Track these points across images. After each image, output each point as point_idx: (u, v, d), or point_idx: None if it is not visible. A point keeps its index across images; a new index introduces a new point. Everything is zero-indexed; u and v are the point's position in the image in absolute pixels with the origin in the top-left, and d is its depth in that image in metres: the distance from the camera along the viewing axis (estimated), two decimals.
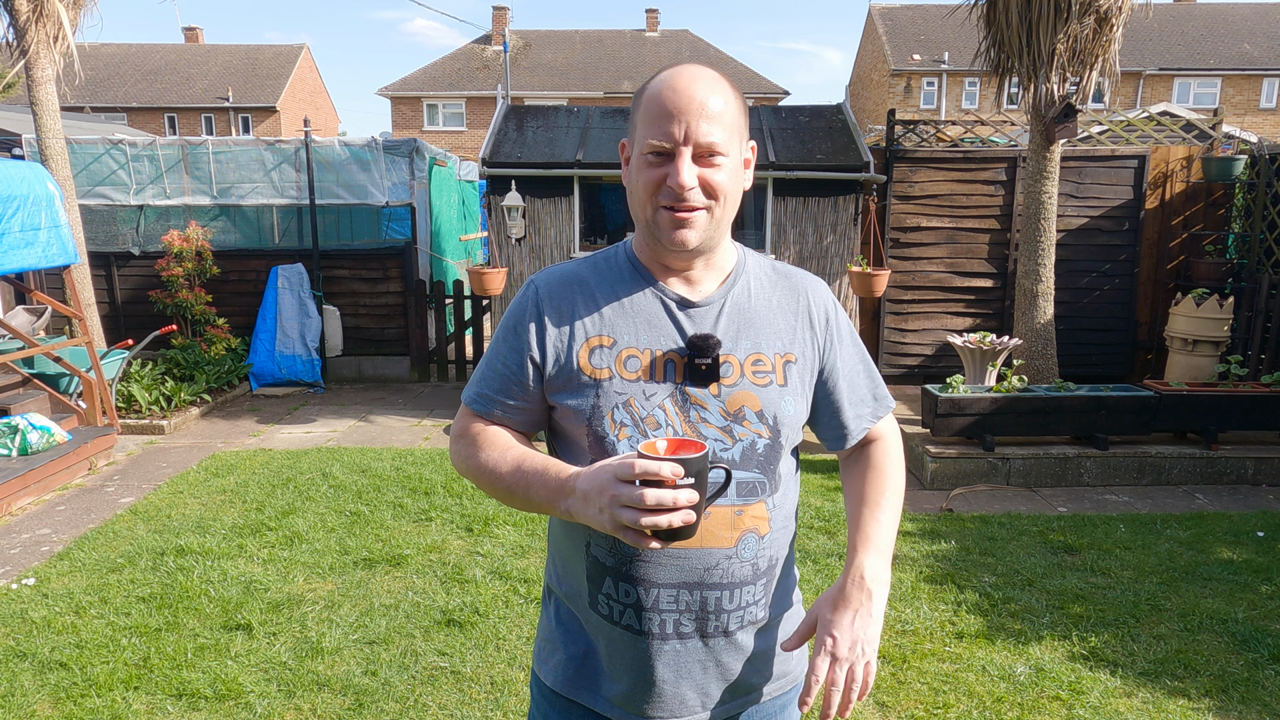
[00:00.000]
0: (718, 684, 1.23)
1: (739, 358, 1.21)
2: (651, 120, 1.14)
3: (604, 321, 1.21)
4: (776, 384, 1.22)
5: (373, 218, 7.89)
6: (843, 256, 6.52)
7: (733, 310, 1.23)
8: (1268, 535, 4.32)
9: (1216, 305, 6.39)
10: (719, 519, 1.17)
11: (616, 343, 1.20)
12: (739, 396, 1.19)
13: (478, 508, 4.64)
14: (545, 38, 32.53)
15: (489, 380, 1.26)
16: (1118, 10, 5.53)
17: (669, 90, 1.13)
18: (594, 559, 1.21)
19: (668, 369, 1.19)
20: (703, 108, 1.12)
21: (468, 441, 1.26)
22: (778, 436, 1.21)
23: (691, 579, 1.17)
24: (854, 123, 6.96)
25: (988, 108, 25.73)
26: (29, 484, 4.87)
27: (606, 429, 1.17)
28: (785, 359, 1.24)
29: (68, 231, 5.60)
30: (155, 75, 31.31)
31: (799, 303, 1.28)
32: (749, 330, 1.23)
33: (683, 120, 1.12)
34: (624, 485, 1.00)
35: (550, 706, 1.31)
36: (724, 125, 1.14)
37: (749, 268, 1.29)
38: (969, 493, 5.08)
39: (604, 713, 1.25)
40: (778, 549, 1.24)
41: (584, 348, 1.20)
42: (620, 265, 1.26)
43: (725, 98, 1.15)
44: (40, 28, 6.31)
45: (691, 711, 1.23)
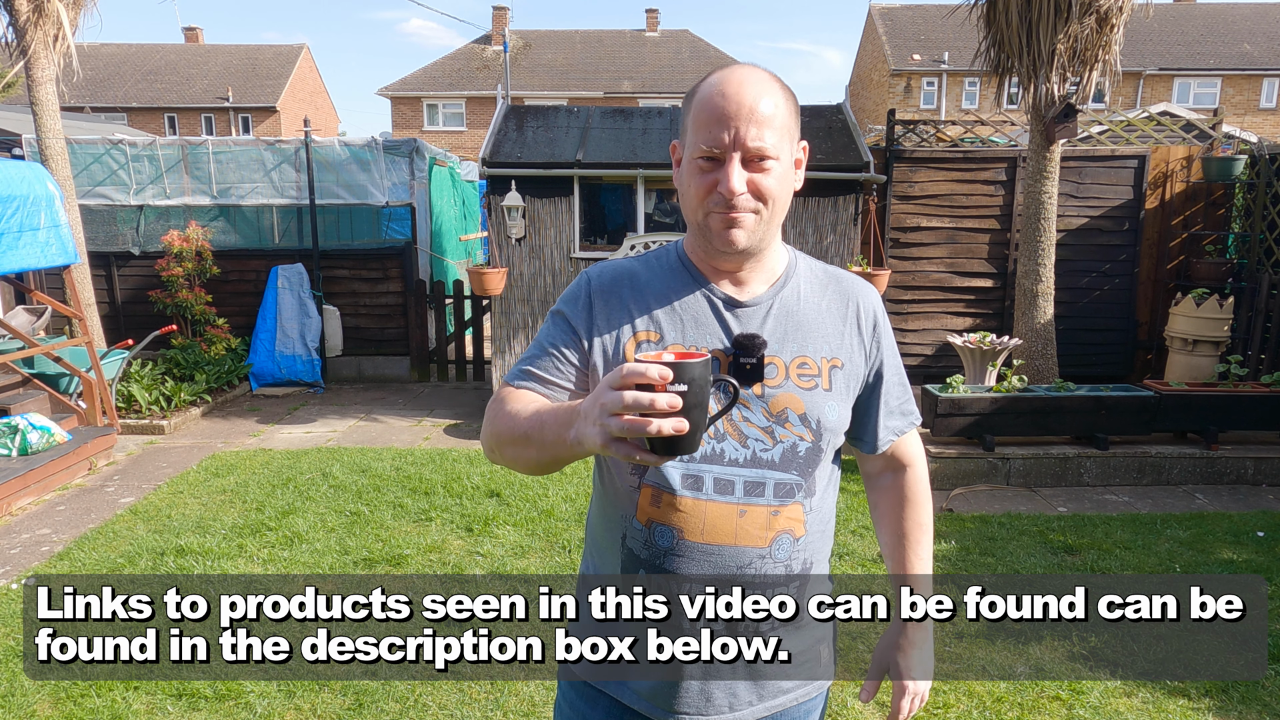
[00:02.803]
0: (746, 685, 1.23)
1: (785, 360, 1.21)
2: (701, 125, 1.14)
3: (651, 317, 1.21)
4: (821, 388, 1.22)
5: (373, 218, 7.89)
6: (843, 257, 6.52)
7: (780, 312, 1.23)
8: (1268, 535, 4.32)
9: (1216, 305, 6.39)
10: (754, 518, 1.17)
11: (663, 338, 1.20)
12: (783, 399, 1.19)
13: (478, 508, 4.64)
14: (545, 38, 32.53)
15: (534, 358, 1.25)
16: (1118, 10, 5.53)
17: (719, 95, 1.13)
18: (629, 551, 1.21)
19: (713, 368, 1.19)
20: (752, 112, 1.11)
21: (497, 402, 1.23)
22: (819, 440, 1.21)
23: (724, 576, 1.17)
24: (854, 123, 6.95)
25: (988, 108, 25.72)
26: (29, 484, 4.86)
27: None
28: (831, 363, 1.24)
29: (68, 231, 5.60)
30: (155, 75, 31.30)
31: (848, 307, 1.28)
32: (796, 333, 1.23)
33: (733, 125, 1.11)
34: (612, 392, 0.94)
35: (578, 696, 1.31)
36: (774, 129, 1.13)
37: (799, 270, 1.28)
38: (969, 493, 5.08)
39: (631, 705, 1.25)
40: (812, 553, 1.24)
41: (631, 341, 1.20)
42: (672, 264, 1.26)
43: (776, 100, 1.14)
44: (40, 28, 6.31)
45: (718, 711, 1.22)
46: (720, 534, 1.17)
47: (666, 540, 1.18)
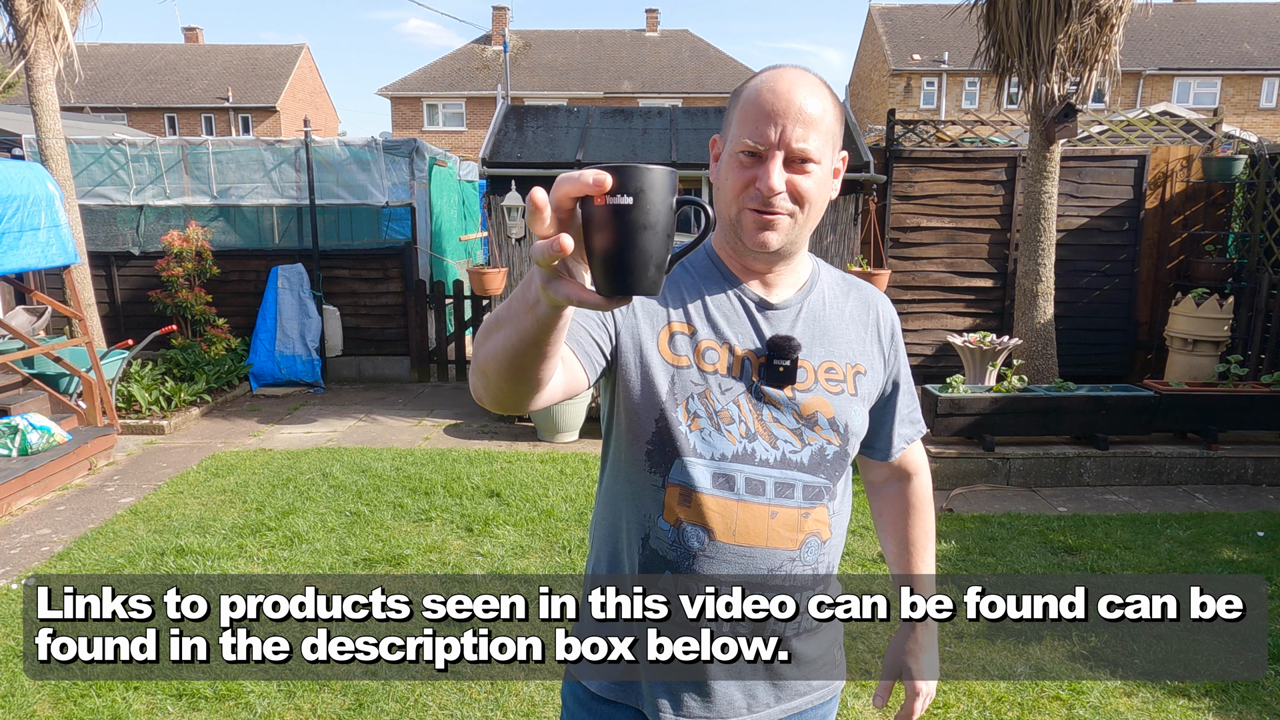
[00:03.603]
0: (765, 687, 1.23)
1: (813, 364, 1.21)
2: (747, 120, 1.12)
3: (685, 311, 1.20)
4: (848, 393, 1.22)
5: (373, 218, 7.89)
6: (842, 257, 6.52)
7: (809, 317, 1.23)
8: (1268, 535, 4.32)
9: (1216, 305, 6.39)
10: (785, 520, 1.17)
11: (696, 332, 1.19)
12: (813, 402, 1.19)
13: (478, 508, 4.64)
14: (545, 38, 32.53)
15: None
16: (1118, 10, 5.52)
17: (769, 92, 1.12)
18: (652, 551, 1.19)
19: (744, 367, 1.18)
20: (800, 112, 1.10)
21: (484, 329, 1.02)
22: (846, 445, 1.22)
23: (754, 579, 1.16)
24: (854, 122, 6.95)
25: (988, 108, 25.72)
26: (29, 484, 4.86)
27: (680, 418, 1.15)
28: (855, 370, 1.24)
29: (68, 231, 5.60)
30: (155, 75, 31.30)
31: (869, 315, 1.29)
32: (823, 338, 1.23)
33: (779, 123, 1.10)
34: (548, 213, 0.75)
35: (592, 700, 1.27)
36: (820, 132, 1.12)
37: (823, 277, 1.29)
38: (969, 492, 5.08)
39: (643, 708, 1.24)
40: (834, 555, 1.25)
41: (665, 331, 1.19)
42: (702, 262, 1.25)
43: (824, 104, 1.13)
44: (40, 28, 6.30)
45: (737, 713, 1.22)
46: (752, 535, 1.16)
47: (698, 541, 1.16)
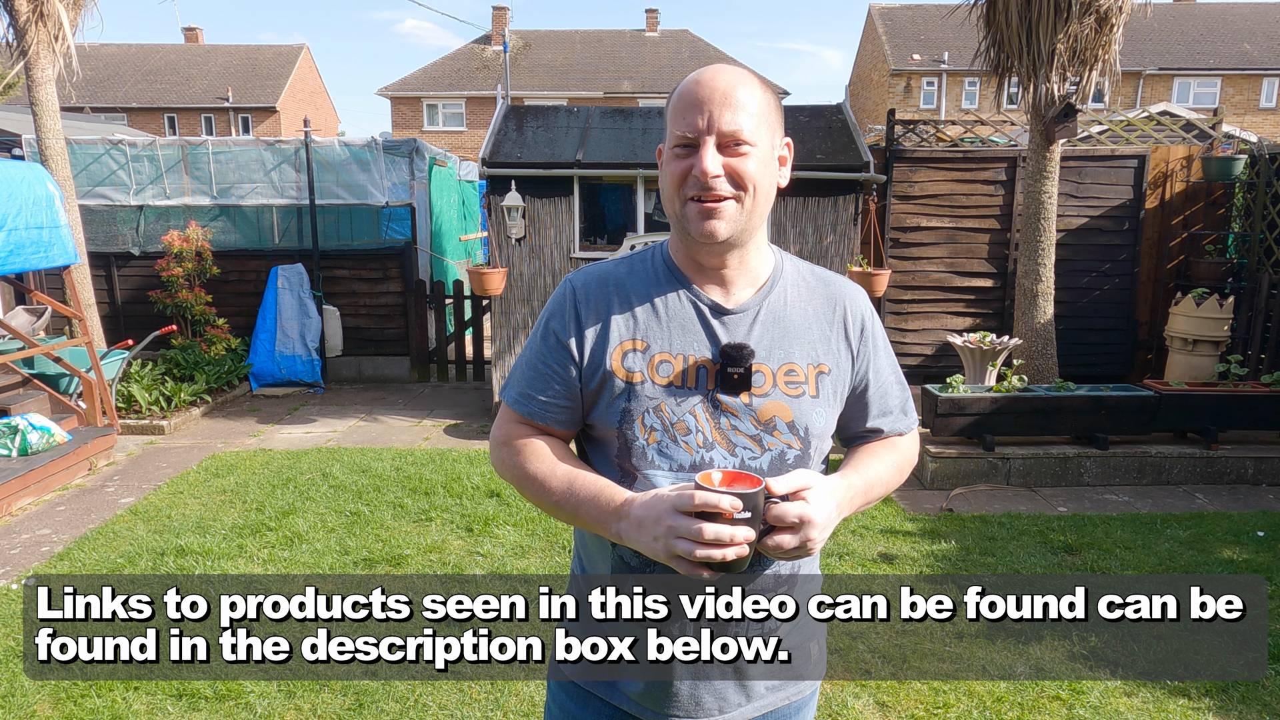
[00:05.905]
0: (734, 689, 1.24)
1: (772, 368, 1.20)
2: (677, 114, 1.14)
3: (637, 325, 1.20)
4: (809, 395, 1.21)
5: (373, 218, 7.89)
6: (843, 256, 6.52)
7: (768, 319, 1.22)
8: (1268, 535, 4.32)
9: (1216, 305, 6.39)
10: None
11: (650, 347, 1.19)
12: (770, 407, 1.18)
13: (478, 508, 4.64)
14: (545, 38, 32.52)
15: (531, 380, 1.25)
16: (1118, 10, 5.52)
17: (694, 84, 1.14)
18: (619, 558, 1.21)
19: (700, 375, 1.18)
20: (726, 96, 1.12)
21: (512, 451, 1.25)
22: (808, 448, 1.21)
23: (715, 583, 1.17)
24: (854, 122, 6.95)
25: (988, 108, 25.72)
26: (29, 484, 4.86)
27: (636, 433, 1.17)
28: (818, 369, 1.23)
29: (68, 232, 5.60)
30: (155, 75, 31.30)
31: (835, 312, 1.27)
32: (783, 340, 1.22)
33: (706, 109, 1.12)
34: (681, 517, 1.02)
35: (568, 697, 1.31)
36: (750, 114, 1.13)
37: (786, 274, 1.27)
38: (969, 492, 5.08)
39: (622, 706, 1.26)
40: (801, 559, 1.24)
41: (617, 350, 1.19)
42: (656, 267, 1.25)
43: (751, 90, 1.14)
44: (40, 28, 6.30)
45: (707, 714, 1.23)
46: None
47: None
